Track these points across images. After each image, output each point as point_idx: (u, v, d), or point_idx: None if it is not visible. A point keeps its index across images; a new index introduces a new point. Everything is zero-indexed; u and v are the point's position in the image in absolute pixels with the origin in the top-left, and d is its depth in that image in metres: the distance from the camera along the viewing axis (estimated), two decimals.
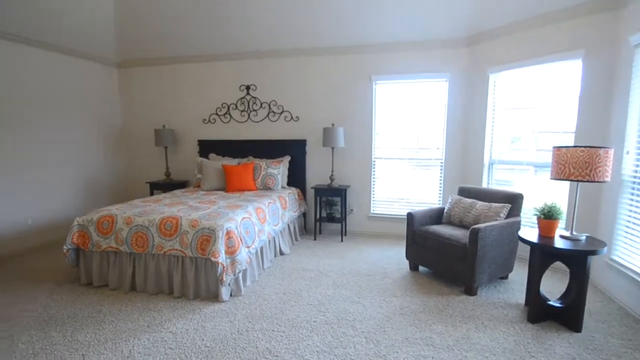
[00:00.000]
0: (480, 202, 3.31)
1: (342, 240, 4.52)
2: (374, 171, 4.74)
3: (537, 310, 2.48)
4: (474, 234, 2.79)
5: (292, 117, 4.88)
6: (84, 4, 4.15)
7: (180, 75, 5.21)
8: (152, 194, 5.03)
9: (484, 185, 4.13)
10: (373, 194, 4.79)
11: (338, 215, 4.71)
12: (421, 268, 3.55)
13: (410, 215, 3.43)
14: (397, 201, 4.74)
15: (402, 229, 4.53)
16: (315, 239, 4.59)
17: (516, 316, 2.60)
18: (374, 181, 4.76)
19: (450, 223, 3.49)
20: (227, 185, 4.28)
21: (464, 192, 3.65)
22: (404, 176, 4.68)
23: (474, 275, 2.84)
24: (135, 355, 2.14)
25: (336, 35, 4.41)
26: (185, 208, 3.27)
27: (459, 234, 3.07)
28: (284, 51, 4.73)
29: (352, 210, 4.84)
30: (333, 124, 4.61)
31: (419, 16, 4.01)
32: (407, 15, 4.03)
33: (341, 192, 4.46)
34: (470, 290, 2.92)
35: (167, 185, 4.99)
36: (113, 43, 4.96)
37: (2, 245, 3.89)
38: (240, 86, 4.99)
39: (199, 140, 5.17)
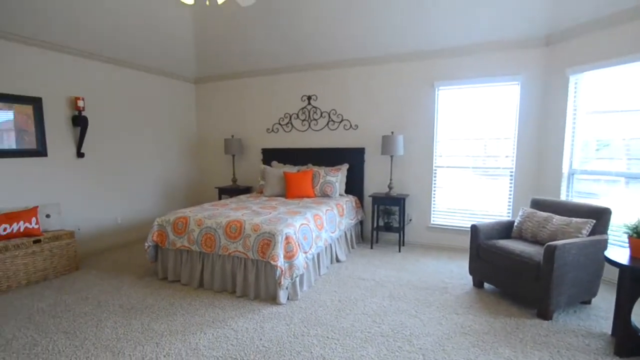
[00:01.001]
0: (557, 217, 3.00)
1: (399, 251, 4.40)
2: (435, 180, 4.55)
3: (626, 343, 2.16)
4: (550, 252, 2.53)
5: (351, 126, 4.92)
6: (169, 31, 4.66)
7: (248, 88, 5.57)
8: (220, 198, 5.42)
9: (563, 197, 3.73)
10: (433, 204, 4.59)
11: (396, 225, 4.60)
12: (486, 285, 3.31)
13: (474, 228, 3.23)
14: (460, 212, 4.48)
15: (465, 242, 4.27)
16: (371, 248, 4.54)
17: (600, 347, 2.28)
18: (434, 190, 4.57)
19: (521, 238, 3.20)
20: (287, 191, 4.44)
21: (538, 204, 3.33)
22: (468, 186, 4.42)
23: (549, 298, 2.57)
24: (201, 348, 2.31)
25: (397, 42, 4.36)
26: (248, 213, 3.47)
27: (532, 251, 2.80)
28: (344, 61, 4.80)
29: (410, 220, 4.69)
30: (392, 132, 4.55)
31: (488, 17, 3.80)
32: (475, 17, 3.84)
33: (400, 201, 4.35)
34: (545, 314, 2.64)
35: (233, 190, 5.34)
36: (192, 63, 5.49)
37: (97, 240, 4.50)
38: (302, 96, 5.17)
39: (262, 149, 5.46)
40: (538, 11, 3.62)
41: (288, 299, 2.99)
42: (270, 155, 5.38)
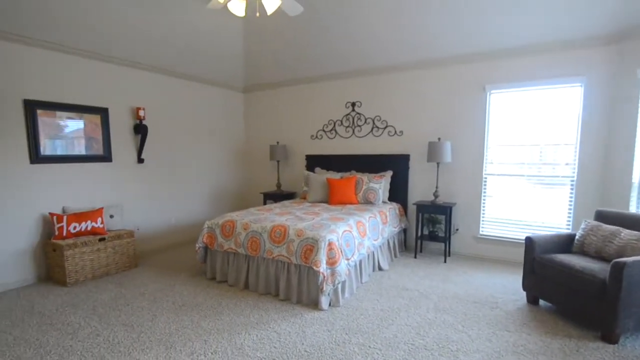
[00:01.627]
0: (626, 231, 2.72)
1: (445, 261, 4.23)
2: (484, 188, 4.34)
3: None
4: (618, 269, 2.30)
5: (395, 132, 4.85)
6: (221, 43, 4.93)
7: (293, 95, 5.71)
8: (264, 203, 5.58)
9: (632, 209, 3.37)
10: (483, 214, 4.37)
11: (441, 234, 4.44)
12: (542, 302, 3.07)
13: (529, 240, 3.02)
14: (512, 223, 4.22)
15: (518, 254, 4.01)
16: (415, 257, 4.41)
17: None
18: (484, 199, 4.35)
19: (582, 253, 2.94)
20: (330, 198, 4.47)
21: (604, 217, 3.05)
22: (521, 195, 4.15)
23: (615, 320, 2.33)
24: (246, 348, 2.39)
25: (446, 45, 4.24)
26: (292, 218, 3.54)
27: (595, 267, 2.56)
28: (390, 67, 4.76)
29: (457, 229, 4.50)
30: (439, 138, 4.41)
31: (546, 14, 3.57)
32: (530, 15, 3.63)
33: (446, 210, 4.20)
34: (610, 337, 2.39)
35: (277, 195, 5.47)
36: (241, 72, 5.75)
37: (154, 239, 4.83)
38: (346, 103, 5.20)
39: (306, 155, 5.55)
40: (603, 7, 3.34)
41: (330, 305, 3.00)
42: (314, 162, 5.45)
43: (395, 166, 4.78)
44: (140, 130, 4.46)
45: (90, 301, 3.15)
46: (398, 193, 4.75)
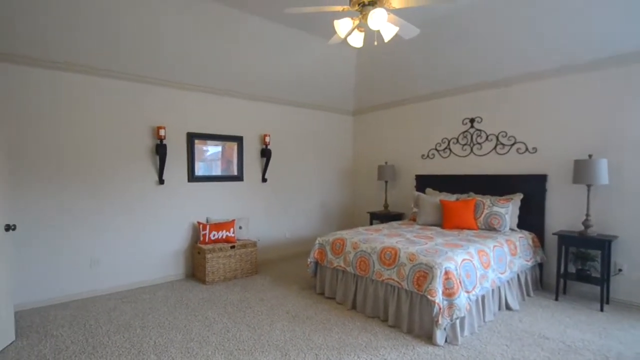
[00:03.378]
0: None
1: (601, 310, 3.36)
2: None
3: None
4: None
5: (527, 149, 4.21)
6: (335, 72, 5.22)
7: (404, 115, 5.58)
8: (371, 223, 5.51)
9: None
10: None
11: (596, 275, 3.57)
12: None
13: None
14: None
15: None
16: (556, 300, 3.64)
17: None
18: None
19: None
20: (444, 221, 4.12)
21: None
22: None
23: None
24: None
25: (592, 46, 3.54)
26: (403, 240, 3.37)
27: None
28: (517, 77, 4.21)
29: (620, 270, 3.55)
30: (590, 155, 3.62)
31: None
32: None
33: (602, 244, 3.37)
34: None
35: (384, 216, 5.34)
36: (351, 97, 5.96)
37: (271, 250, 5.28)
38: (464, 120, 4.80)
39: (416, 175, 5.29)
40: None
41: (446, 341, 2.70)
42: (425, 182, 5.15)
43: (527, 188, 4.12)
44: (265, 154, 5.02)
45: (222, 300, 3.59)
46: (530, 219, 4.05)
